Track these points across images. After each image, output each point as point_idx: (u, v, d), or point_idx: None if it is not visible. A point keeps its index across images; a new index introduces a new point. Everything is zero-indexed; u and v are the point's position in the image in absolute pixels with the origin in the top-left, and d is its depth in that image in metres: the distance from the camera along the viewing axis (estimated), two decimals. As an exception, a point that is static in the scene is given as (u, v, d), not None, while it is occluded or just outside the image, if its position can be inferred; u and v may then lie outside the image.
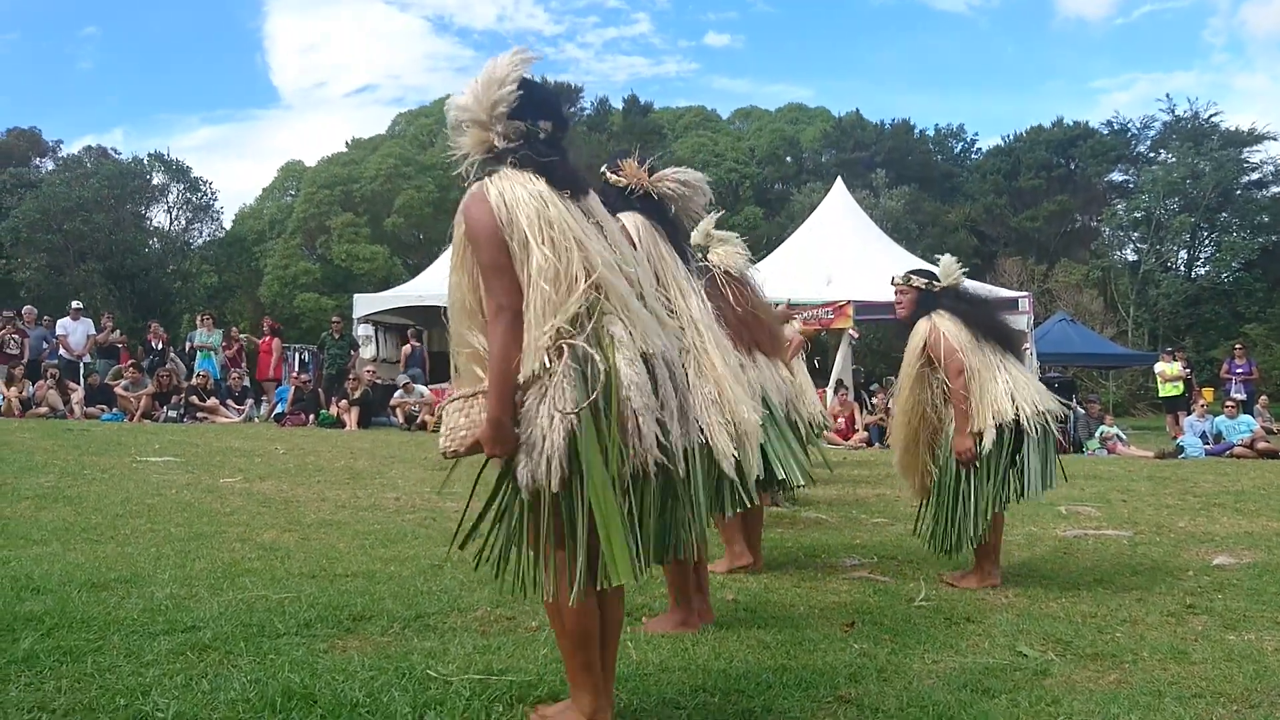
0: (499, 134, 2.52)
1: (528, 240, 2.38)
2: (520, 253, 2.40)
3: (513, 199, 2.42)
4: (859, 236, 18.48)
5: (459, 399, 2.51)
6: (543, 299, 2.36)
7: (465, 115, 2.53)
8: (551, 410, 2.32)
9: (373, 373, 15.94)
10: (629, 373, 2.38)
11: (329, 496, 7.03)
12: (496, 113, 2.50)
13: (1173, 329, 32.78)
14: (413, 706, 2.57)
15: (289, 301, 35.25)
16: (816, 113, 47.32)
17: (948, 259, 4.91)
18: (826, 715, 2.70)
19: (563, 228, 2.41)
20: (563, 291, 2.38)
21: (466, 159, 2.57)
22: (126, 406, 14.34)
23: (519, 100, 2.50)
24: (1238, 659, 3.37)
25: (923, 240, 31.83)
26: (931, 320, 4.67)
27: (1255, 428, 13.53)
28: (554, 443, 2.31)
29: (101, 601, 3.66)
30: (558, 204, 2.45)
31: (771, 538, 5.76)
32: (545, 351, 2.35)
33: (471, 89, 2.52)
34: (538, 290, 2.36)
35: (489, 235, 2.41)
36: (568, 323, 2.36)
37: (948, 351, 4.55)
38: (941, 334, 4.59)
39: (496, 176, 2.48)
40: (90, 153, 36.28)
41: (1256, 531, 6.39)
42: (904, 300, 4.84)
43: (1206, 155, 33.20)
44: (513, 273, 2.40)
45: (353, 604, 3.75)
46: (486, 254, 2.42)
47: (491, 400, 2.39)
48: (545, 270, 2.36)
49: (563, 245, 2.40)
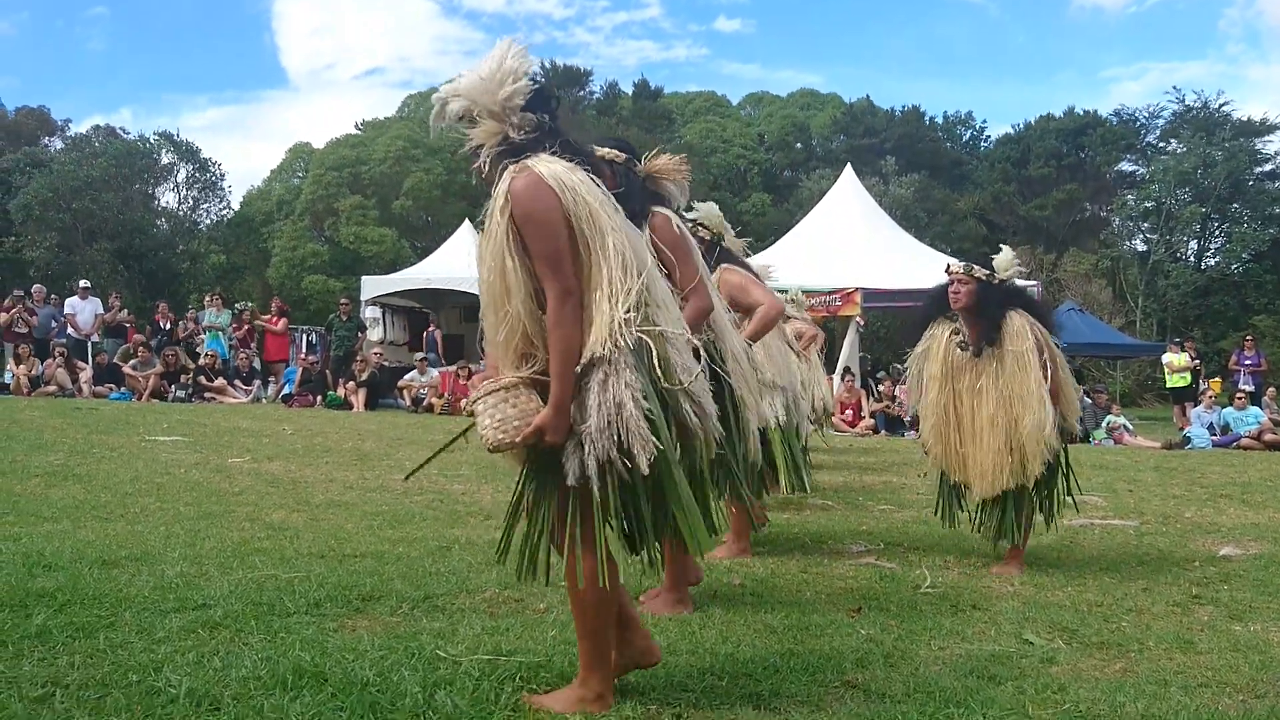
0: (514, 126, 2.52)
1: (599, 223, 2.40)
2: (591, 234, 2.40)
3: (571, 183, 2.42)
4: (868, 224, 18.43)
5: (499, 390, 2.47)
6: (608, 288, 2.39)
7: (478, 108, 2.52)
8: (622, 396, 2.35)
9: (380, 355, 15.99)
10: (677, 358, 2.46)
11: (337, 477, 7.06)
12: (511, 105, 2.51)
13: (1181, 320, 32.63)
14: (422, 686, 2.59)
15: (297, 283, 35.27)
16: (827, 99, 47.06)
17: (1007, 252, 4.84)
18: (833, 700, 2.71)
19: (615, 215, 2.47)
20: (629, 276, 2.41)
21: (482, 150, 2.55)
22: (135, 386, 14.40)
23: (532, 94, 2.52)
24: (1243, 649, 3.37)
25: (931, 228, 31.72)
26: (1025, 318, 4.66)
27: (1263, 419, 13.49)
28: (634, 427, 2.35)
29: (112, 579, 3.69)
30: (600, 194, 2.47)
31: (778, 523, 5.78)
32: (615, 335, 2.38)
33: (476, 80, 2.51)
34: (606, 278, 2.39)
35: (555, 218, 2.39)
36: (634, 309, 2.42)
37: (1053, 350, 4.66)
38: (1041, 333, 4.66)
39: (540, 161, 2.46)
40: (99, 132, 36.26)
41: (1263, 523, 6.38)
42: (962, 291, 4.73)
43: (1218, 145, 32.96)
44: (576, 256, 2.41)
45: (362, 584, 3.78)
46: (551, 240, 2.39)
47: (557, 385, 2.39)
48: (623, 255, 2.41)
49: (623, 230, 2.46)
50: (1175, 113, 36.79)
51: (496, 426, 2.46)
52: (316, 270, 35.95)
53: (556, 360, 2.39)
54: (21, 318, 14.90)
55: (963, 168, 41.67)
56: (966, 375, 4.75)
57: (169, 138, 35.26)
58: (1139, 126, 39.30)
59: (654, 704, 2.60)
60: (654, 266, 2.56)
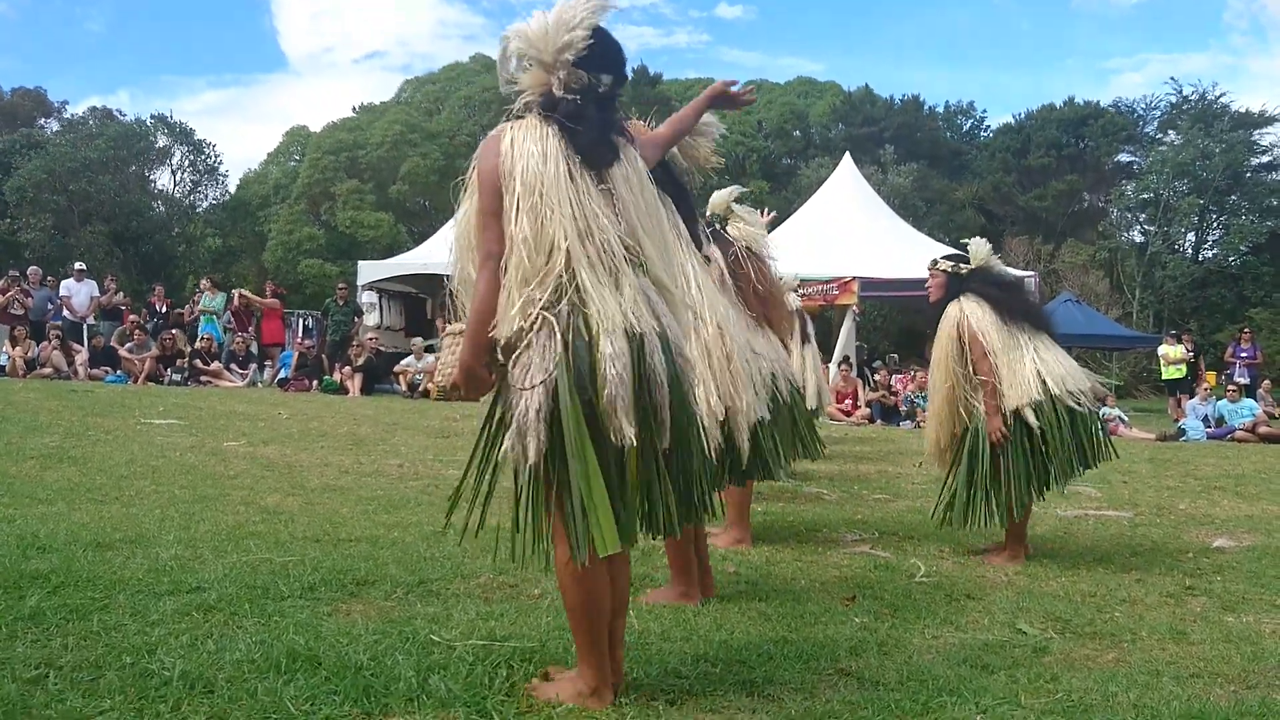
0: (560, 80, 2.46)
1: (519, 199, 2.37)
2: (511, 209, 2.38)
3: (520, 150, 2.40)
4: (866, 213, 18.42)
5: (453, 335, 2.54)
6: (517, 263, 2.36)
7: (531, 52, 2.46)
8: (525, 382, 2.32)
9: (376, 340, 15.95)
10: (607, 345, 2.32)
11: (332, 462, 7.06)
12: (562, 58, 2.44)
13: (1178, 312, 32.68)
14: (417, 670, 2.59)
15: (293, 267, 35.19)
16: (827, 87, 46.91)
17: (978, 241, 4.95)
18: (827, 687, 2.72)
19: (554, 192, 2.36)
20: (539, 259, 2.35)
21: (522, 96, 2.51)
22: (130, 369, 14.37)
23: (588, 49, 2.44)
24: (1235, 640, 3.38)
25: (930, 218, 31.68)
26: (959, 304, 4.75)
27: (1257, 412, 13.53)
28: (529, 415, 2.30)
29: (107, 561, 3.68)
30: (560, 166, 2.39)
31: (773, 512, 5.79)
32: (520, 318, 2.33)
33: (540, 23, 2.44)
34: (515, 254, 2.36)
35: (489, 181, 2.41)
36: (548, 293, 2.34)
37: (971, 336, 4.65)
38: (966, 317, 4.67)
39: (516, 124, 2.46)
40: (95, 114, 36.12)
41: (1257, 515, 6.40)
42: (933, 285, 4.92)
43: (1217, 137, 32.93)
44: (501, 222, 2.39)
45: (356, 569, 3.78)
46: (485, 199, 2.42)
47: (465, 344, 2.43)
48: (524, 234, 2.35)
49: (544, 211, 2.35)
50: (1172, 104, 36.75)
51: (441, 369, 2.58)
52: (313, 254, 35.86)
53: (468, 320, 2.42)
54: (17, 300, 14.86)
55: (962, 157, 41.59)
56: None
57: (165, 120, 35.14)
58: (1137, 117, 39.25)
59: (648, 690, 2.61)
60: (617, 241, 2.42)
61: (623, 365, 2.33)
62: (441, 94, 41.18)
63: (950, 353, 4.72)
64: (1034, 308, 5.10)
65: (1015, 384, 4.58)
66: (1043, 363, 4.64)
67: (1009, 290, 4.95)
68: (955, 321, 4.73)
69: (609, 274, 2.40)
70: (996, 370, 4.59)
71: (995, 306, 4.72)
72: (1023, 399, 4.55)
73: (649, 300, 2.47)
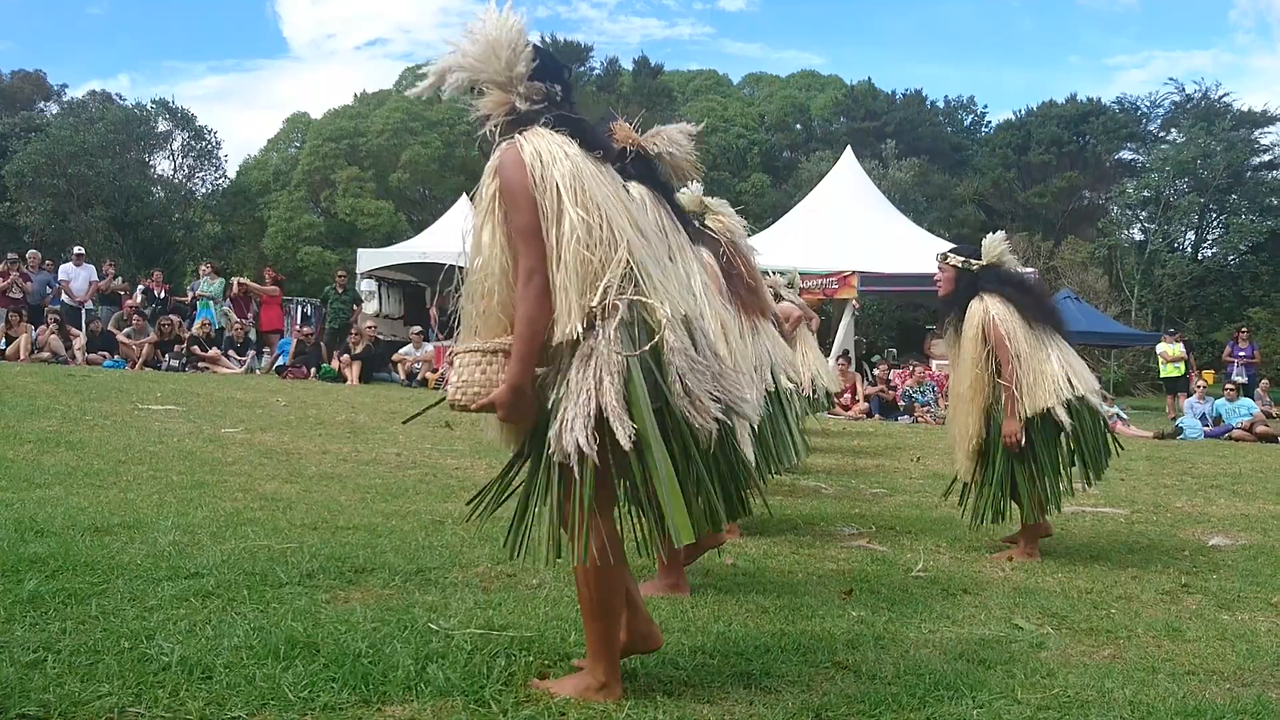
0: (521, 95, 2.49)
1: (560, 199, 2.35)
2: (552, 212, 2.36)
3: (549, 157, 2.39)
4: (866, 207, 18.40)
5: (478, 352, 2.46)
6: (579, 262, 2.33)
7: (483, 77, 2.49)
8: (601, 373, 2.30)
9: (374, 328, 15.95)
10: (672, 337, 2.37)
11: (330, 450, 7.06)
12: (516, 73, 2.47)
13: (1177, 310, 32.68)
14: (415, 658, 2.59)
15: (292, 254, 35.15)
16: (829, 80, 46.85)
17: (991, 237, 4.85)
18: (824, 680, 2.72)
19: (593, 191, 2.38)
20: (600, 255, 2.35)
21: (489, 120, 2.52)
22: (128, 354, 14.36)
23: (537, 64, 2.49)
24: (1231, 638, 3.39)
25: (930, 213, 31.68)
26: (984, 304, 4.64)
27: (1255, 411, 13.55)
28: (611, 404, 2.28)
29: (105, 546, 3.68)
30: (591, 166, 2.42)
31: (770, 506, 5.77)
32: (586, 317, 2.32)
33: (477, 49, 2.46)
34: (573, 253, 2.33)
35: (523, 196, 2.37)
36: (616, 285, 2.35)
37: (999, 339, 4.57)
38: (994, 319, 4.58)
39: (530, 134, 2.45)
40: (95, 98, 36.01)
41: (1253, 514, 6.41)
42: (942, 279, 4.82)
43: (1218, 136, 32.89)
44: (542, 236, 2.36)
45: (354, 556, 3.78)
46: (522, 216, 2.37)
47: (515, 366, 2.36)
48: (580, 233, 2.33)
49: (594, 207, 2.36)
50: (1175, 102, 36.72)
51: (459, 387, 2.46)
52: (312, 242, 35.83)
53: (516, 338, 2.37)
54: (16, 283, 14.83)
55: (963, 153, 41.55)
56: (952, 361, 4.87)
57: (165, 105, 35.04)
58: (1140, 115, 39.21)
59: (645, 681, 2.61)
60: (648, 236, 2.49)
61: (687, 355, 2.39)
62: (443, 82, 41.07)
63: (978, 355, 4.62)
64: (1052, 307, 5.02)
65: (1044, 384, 4.56)
66: (1067, 363, 4.64)
67: (1025, 289, 4.85)
68: (980, 323, 4.62)
69: (657, 264, 2.46)
70: (1019, 374, 4.55)
71: (1019, 308, 4.65)
72: (1054, 398, 4.54)
73: (677, 292, 2.50)
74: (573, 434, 2.29)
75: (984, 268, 4.76)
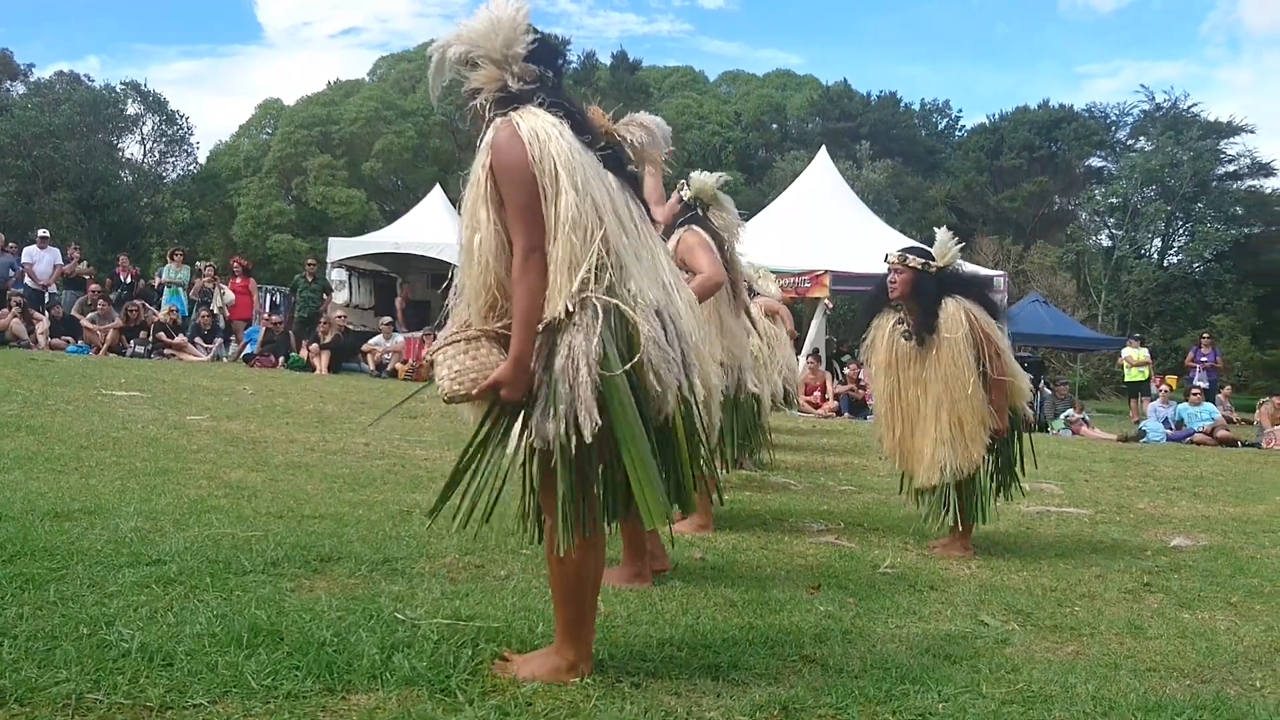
0: (514, 74, 2.49)
1: (559, 180, 2.35)
2: (551, 191, 2.36)
3: (545, 136, 2.39)
4: (840, 207, 18.48)
5: (460, 341, 2.46)
6: (569, 245, 2.34)
7: (479, 51, 2.49)
8: (579, 362, 2.32)
9: (344, 318, 15.80)
10: (646, 327, 2.40)
11: (297, 439, 6.98)
12: (513, 53, 2.48)
13: (1142, 315, 33.14)
14: (380, 648, 2.56)
15: (262, 242, 34.80)
16: (804, 80, 47.06)
17: (943, 235, 4.77)
18: (791, 673, 2.72)
19: (585, 175, 2.40)
20: (586, 240, 2.36)
21: (479, 94, 2.52)
22: (92, 339, 14.13)
23: (536, 46, 2.50)
24: (1191, 636, 3.44)
25: (903, 214, 31.90)
26: (958, 305, 4.59)
27: (1216, 416, 13.76)
28: (584, 395, 2.31)
29: (65, 531, 3.62)
30: (580, 150, 2.43)
31: (739, 500, 5.80)
32: (570, 300, 2.34)
33: (480, 24, 2.48)
34: (565, 235, 2.34)
35: (521, 174, 2.37)
36: (593, 273, 2.36)
37: (985, 335, 4.57)
38: (976, 319, 4.58)
39: (526, 112, 2.44)
40: (62, 78, 35.42)
41: (1213, 516, 6.51)
42: (898, 280, 4.67)
43: (1185, 145, 33.38)
44: (541, 212, 2.37)
45: (320, 545, 3.74)
46: (521, 193, 2.37)
47: (519, 339, 2.37)
48: (573, 215, 2.34)
49: (584, 193, 2.37)
50: (1144, 111, 37.23)
51: (453, 377, 2.45)
52: (283, 229, 35.47)
53: (517, 315, 2.37)
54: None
55: (936, 155, 41.89)
56: (912, 365, 4.71)
57: (136, 87, 34.55)
58: (1110, 123, 39.71)
59: (613, 673, 2.60)
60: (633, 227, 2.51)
61: (659, 344, 2.42)
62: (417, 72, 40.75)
63: (969, 359, 4.53)
64: (1002, 307, 5.08)
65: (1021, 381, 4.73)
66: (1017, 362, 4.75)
67: (979, 287, 4.88)
68: (968, 325, 4.56)
69: (634, 255, 2.47)
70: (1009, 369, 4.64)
71: (985, 305, 4.68)
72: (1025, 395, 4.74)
73: (661, 279, 2.54)
74: (551, 421, 2.32)
75: (939, 269, 4.70)
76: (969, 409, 4.57)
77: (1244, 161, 34.88)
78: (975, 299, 4.69)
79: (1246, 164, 34.89)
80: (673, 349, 2.49)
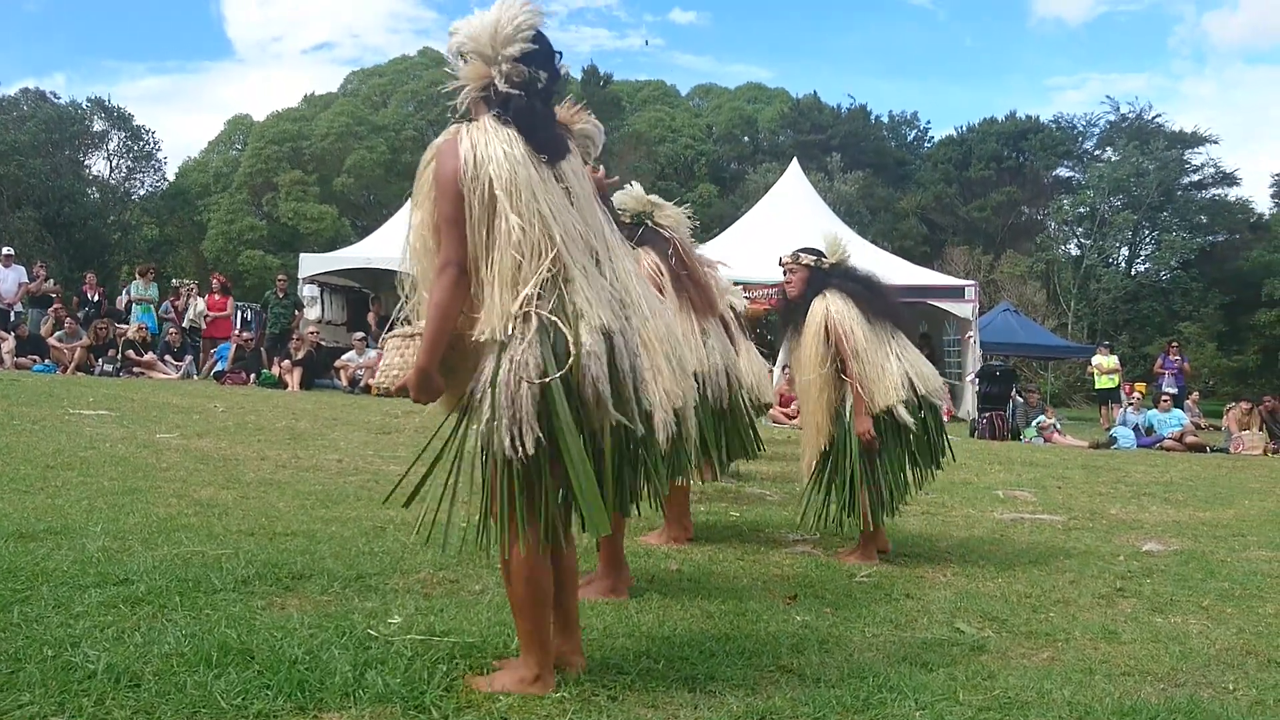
0: (502, 74, 2.48)
1: (496, 203, 2.37)
2: (480, 211, 2.38)
3: (484, 155, 2.39)
4: (813, 219, 18.56)
5: (401, 336, 2.55)
6: (512, 265, 2.37)
7: (471, 45, 2.49)
8: (519, 377, 2.34)
9: (316, 334, 15.67)
10: (588, 342, 2.40)
11: (269, 456, 6.91)
12: (506, 53, 2.46)
13: (1111, 324, 33.54)
14: (353, 665, 2.53)
15: (233, 258, 34.51)
16: (775, 93, 47.33)
17: (832, 235, 4.86)
18: (769, 684, 2.72)
19: (531, 195, 2.40)
20: (531, 260, 2.38)
21: (463, 90, 2.53)
22: (60, 358, 13.94)
23: (534, 50, 2.49)
24: (1164, 640, 3.46)
25: (874, 225, 32.15)
26: (825, 301, 4.60)
27: (1185, 422, 13.92)
28: (525, 409, 2.33)
29: (30, 552, 3.55)
30: (531, 169, 2.43)
31: (715, 511, 5.80)
32: (512, 318, 2.36)
33: (483, 20, 2.47)
34: (507, 256, 2.36)
35: (450, 187, 2.40)
36: (539, 291, 2.38)
37: (839, 334, 4.52)
38: (831, 315, 4.54)
39: (474, 127, 2.45)
40: (27, 95, 35.03)
41: (1184, 520, 6.57)
42: (794, 279, 4.72)
43: (1151, 155, 33.90)
44: (464, 229, 2.39)
45: (292, 562, 3.69)
46: (447, 206, 2.41)
47: (422, 350, 2.42)
48: (515, 236, 2.36)
49: (530, 213, 2.38)
50: (1110, 122, 37.78)
51: (383, 370, 2.57)
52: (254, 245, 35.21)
53: (426, 324, 2.42)
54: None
55: (906, 167, 42.28)
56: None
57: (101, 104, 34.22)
58: (1077, 134, 40.25)
59: (589, 685, 2.58)
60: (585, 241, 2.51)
61: (601, 361, 2.42)
62: (389, 87, 40.70)
63: (820, 353, 4.57)
64: (897, 306, 4.94)
65: (886, 382, 4.52)
66: (908, 362, 4.63)
67: (872, 287, 4.80)
68: (821, 320, 4.58)
69: (583, 272, 2.47)
70: (865, 369, 4.50)
71: (860, 303, 4.61)
72: (895, 396, 4.52)
73: (613, 296, 2.53)
74: (495, 435, 2.36)
75: (833, 266, 4.72)
76: (819, 406, 4.61)
77: (1208, 171, 35.55)
78: (855, 296, 4.64)
79: (1211, 173, 35.55)
80: (621, 365, 2.47)
